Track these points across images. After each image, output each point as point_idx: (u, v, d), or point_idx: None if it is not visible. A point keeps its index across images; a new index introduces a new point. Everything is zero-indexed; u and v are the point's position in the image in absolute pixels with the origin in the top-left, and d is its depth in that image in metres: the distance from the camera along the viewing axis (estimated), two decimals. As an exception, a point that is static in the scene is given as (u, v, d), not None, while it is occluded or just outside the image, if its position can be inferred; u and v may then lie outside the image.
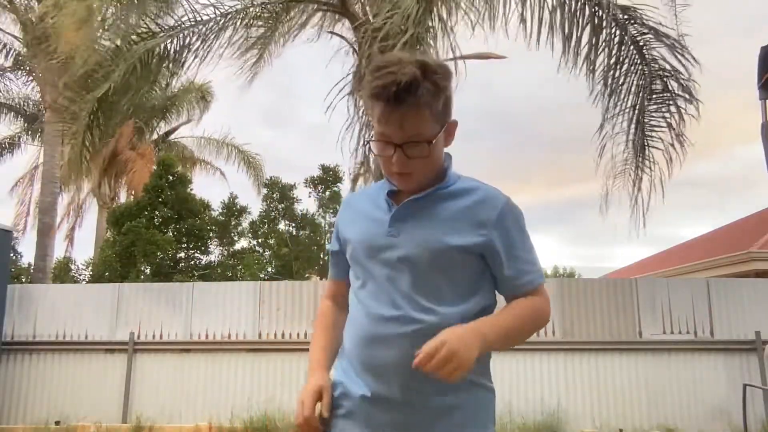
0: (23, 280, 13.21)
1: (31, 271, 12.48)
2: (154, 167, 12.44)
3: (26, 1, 12.22)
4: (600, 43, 6.62)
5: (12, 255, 12.08)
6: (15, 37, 12.43)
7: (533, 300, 1.35)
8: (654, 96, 6.84)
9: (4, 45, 12.54)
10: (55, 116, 11.87)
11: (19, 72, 13.18)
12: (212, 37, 7.36)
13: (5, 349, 7.18)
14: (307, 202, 23.00)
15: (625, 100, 6.89)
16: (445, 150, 1.40)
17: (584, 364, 6.88)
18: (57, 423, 6.89)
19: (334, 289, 1.55)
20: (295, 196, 14.11)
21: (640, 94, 6.81)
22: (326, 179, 14.22)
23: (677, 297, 7.00)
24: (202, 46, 7.37)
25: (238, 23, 7.43)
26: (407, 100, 1.23)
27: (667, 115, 6.86)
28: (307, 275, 13.68)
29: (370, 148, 6.65)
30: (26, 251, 24.40)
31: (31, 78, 13.13)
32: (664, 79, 6.70)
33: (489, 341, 1.25)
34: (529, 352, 6.93)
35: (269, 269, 13.37)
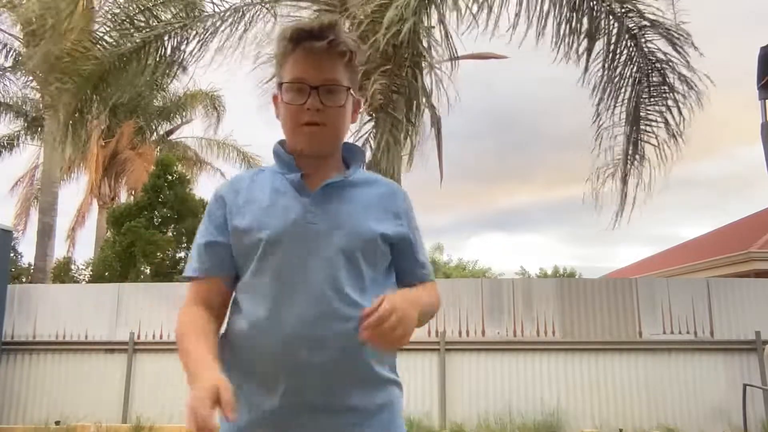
0: (23, 280, 13.21)
1: (31, 271, 12.48)
2: (153, 167, 12.45)
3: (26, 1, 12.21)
4: (597, 35, 6.56)
5: (12, 255, 12.08)
6: (15, 37, 12.44)
7: (435, 286, 1.36)
8: (651, 89, 6.78)
9: (4, 45, 12.54)
10: (55, 115, 11.86)
11: (19, 72, 13.17)
12: (210, 34, 7.34)
13: (5, 349, 7.18)
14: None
15: (622, 92, 6.82)
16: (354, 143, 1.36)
17: (584, 364, 6.88)
18: (57, 423, 6.89)
19: (204, 291, 1.26)
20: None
21: (636, 87, 6.75)
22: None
23: (677, 297, 7.01)
24: (197, 46, 7.36)
25: (239, 25, 7.42)
26: (328, 37, 1.19)
27: (663, 108, 6.79)
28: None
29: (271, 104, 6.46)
30: (26, 251, 24.41)
31: (31, 78, 13.12)
32: (662, 71, 6.64)
33: (419, 315, 1.18)
34: (530, 352, 6.93)
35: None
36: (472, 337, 7.05)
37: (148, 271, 10.68)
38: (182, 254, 11.90)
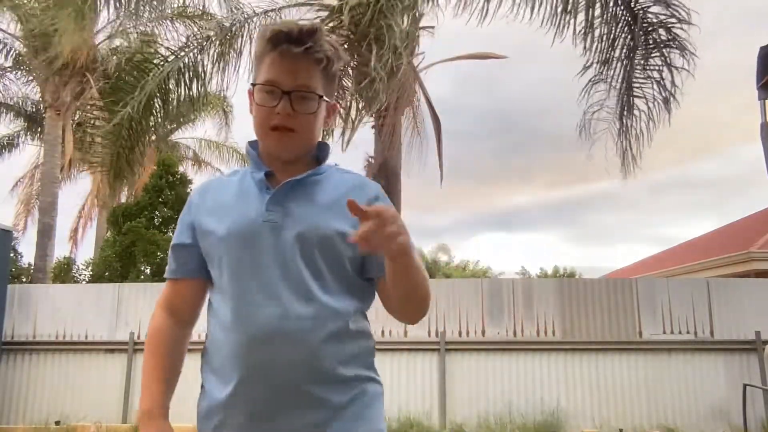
0: (23, 280, 13.21)
1: (31, 271, 12.48)
2: (154, 167, 12.46)
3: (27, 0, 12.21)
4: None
5: (12, 255, 12.08)
6: (15, 37, 12.43)
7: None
8: (646, 48, 6.65)
9: (5, 45, 12.53)
10: (55, 116, 11.87)
11: (19, 72, 13.17)
12: (224, 46, 7.39)
13: (5, 349, 7.18)
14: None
15: (611, 50, 6.70)
16: (326, 142, 1.32)
17: (584, 364, 6.88)
18: (57, 423, 6.89)
19: (174, 294, 1.33)
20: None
21: (628, 45, 6.62)
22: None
23: (677, 297, 7.01)
24: (213, 60, 7.40)
25: (246, 33, 7.45)
26: (306, 43, 1.18)
27: (658, 64, 6.65)
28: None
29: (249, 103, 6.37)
30: (26, 251, 24.41)
31: (31, 78, 13.13)
32: (652, 31, 6.53)
33: (412, 252, 1.10)
34: (530, 352, 6.93)
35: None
36: (472, 337, 7.05)
37: (148, 271, 10.68)
38: (182, 254, 11.89)
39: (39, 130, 14.20)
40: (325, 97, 1.24)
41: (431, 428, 6.66)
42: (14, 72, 13.14)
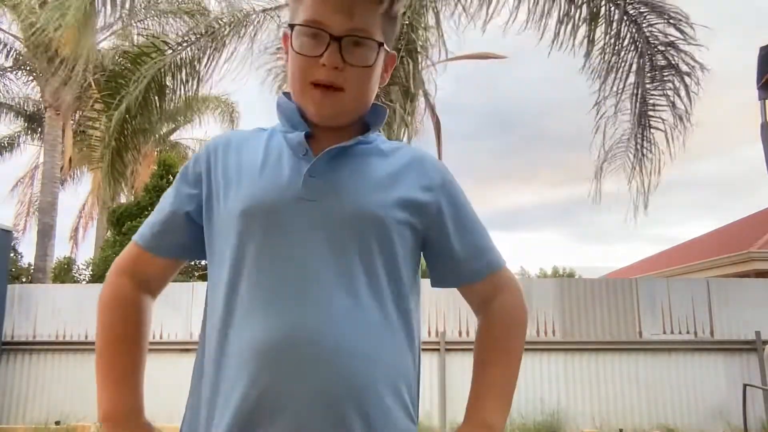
0: (23, 280, 13.21)
1: (31, 271, 12.48)
2: (154, 167, 12.47)
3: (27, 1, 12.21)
4: (598, 20, 6.49)
5: (12, 255, 12.09)
6: (15, 36, 12.43)
7: (505, 313, 1.03)
8: (655, 72, 6.69)
9: (5, 45, 12.54)
10: (55, 116, 11.87)
11: (19, 72, 13.18)
12: (219, 45, 7.40)
13: (5, 349, 7.19)
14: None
15: (623, 77, 6.74)
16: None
17: (584, 364, 6.88)
18: (57, 423, 6.89)
19: (144, 264, 1.02)
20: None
21: (640, 71, 6.68)
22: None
23: (677, 297, 7.01)
24: (209, 60, 7.42)
25: (245, 35, 7.46)
26: None
27: (669, 92, 6.68)
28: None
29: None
30: (26, 251, 24.43)
31: (31, 78, 13.13)
32: (664, 53, 6.57)
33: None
34: (530, 352, 6.93)
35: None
36: (472, 337, 7.04)
37: (148, 271, 10.71)
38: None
39: (39, 130, 14.21)
40: (385, 45, 0.95)
41: (431, 428, 6.66)
42: (14, 72, 13.14)
